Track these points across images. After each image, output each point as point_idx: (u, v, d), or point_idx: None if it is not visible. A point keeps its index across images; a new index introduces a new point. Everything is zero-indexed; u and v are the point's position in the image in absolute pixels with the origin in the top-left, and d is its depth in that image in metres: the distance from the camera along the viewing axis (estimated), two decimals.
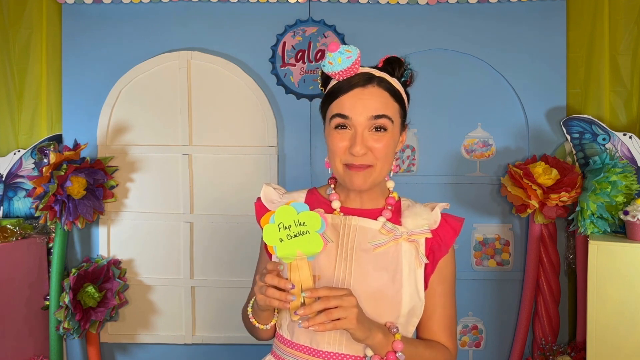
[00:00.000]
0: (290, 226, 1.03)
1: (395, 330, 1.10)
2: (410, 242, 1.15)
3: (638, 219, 1.81)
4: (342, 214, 1.19)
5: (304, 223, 1.03)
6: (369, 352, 1.09)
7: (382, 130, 1.11)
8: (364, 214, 1.19)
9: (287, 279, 1.03)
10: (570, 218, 2.03)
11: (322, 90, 1.20)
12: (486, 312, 2.21)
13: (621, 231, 1.95)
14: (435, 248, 1.17)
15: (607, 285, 1.78)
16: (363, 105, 1.10)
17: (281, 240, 1.03)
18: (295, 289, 1.01)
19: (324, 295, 1.00)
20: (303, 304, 1.01)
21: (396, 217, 1.19)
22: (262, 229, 1.08)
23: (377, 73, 1.14)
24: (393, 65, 1.17)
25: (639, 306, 1.77)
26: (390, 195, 1.22)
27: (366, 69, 1.15)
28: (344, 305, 0.99)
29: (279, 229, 1.04)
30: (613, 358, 1.79)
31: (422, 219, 1.17)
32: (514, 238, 2.19)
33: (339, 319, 0.99)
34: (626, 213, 1.85)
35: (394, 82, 1.15)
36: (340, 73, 1.12)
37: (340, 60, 1.11)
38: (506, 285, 2.20)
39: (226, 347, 2.23)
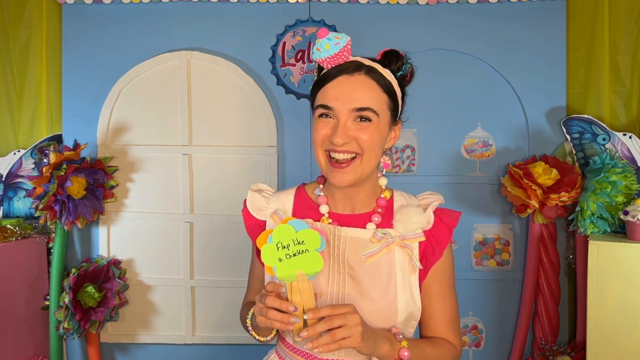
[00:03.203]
0: (289, 245, 1.00)
1: (401, 337, 1.07)
2: (403, 248, 1.12)
3: (638, 219, 1.81)
4: (330, 220, 1.15)
5: (302, 242, 1.00)
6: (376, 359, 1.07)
7: (366, 120, 1.07)
8: (354, 220, 1.15)
9: (287, 299, 1.00)
10: (570, 218, 2.03)
11: (315, 76, 1.17)
12: (486, 312, 2.21)
13: (621, 231, 1.95)
14: (428, 252, 1.14)
15: (607, 285, 1.78)
16: (346, 97, 1.06)
17: (280, 260, 1.00)
18: (298, 311, 0.98)
19: (327, 314, 0.97)
20: (305, 325, 0.98)
21: (387, 219, 1.15)
22: (255, 244, 1.05)
23: (366, 62, 1.11)
24: (390, 58, 1.14)
25: (639, 306, 1.77)
26: (381, 196, 1.18)
27: (357, 58, 1.12)
28: (348, 324, 0.97)
29: (278, 248, 1.01)
30: (613, 358, 1.79)
31: (414, 223, 1.12)
32: (514, 238, 2.19)
33: (343, 339, 0.96)
34: (626, 213, 1.85)
35: (386, 73, 1.11)
36: (328, 60, 1.09)
37: (327, 47, 1.08)
38: (506, 285, 2.20)
39: (226, 347, 2.23)
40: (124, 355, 2.26)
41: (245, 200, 1.23)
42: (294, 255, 1.00)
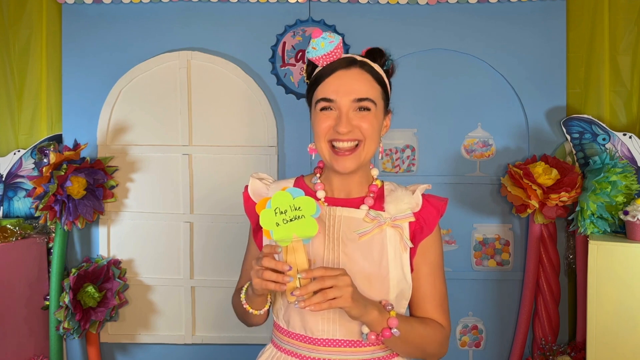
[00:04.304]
0: (286, 211, 1.06)
1: (390, 307, 1.12)
2: (394, 228, 1.17)
3: (638, 219, 1.81)
4: (326, 204, 1.21)
5: (299, 208, 1.06)
6: (365, 329, 1.11)
7: (365, 110, 1.14)
8: (348, 203, 1.21)
9: (283, 261, 1.05)
10: (570, 218, 2.03)
11: (306, 82, 1.23)
12: (486, 312, 2.21)
13: (621, 231, 1.95)
14: (417, 231, 1.19)
15: (607, 285, 1.79)
16: (347, 88, 1.13)
17: (277, 224, 1.06)
18: (292, 271, 1.04)
19: (320, 275, 1.02)
20: (299, 286, 1.03)
21: (379, 203, 1.21)
22: (250, 219, 1.12)
23: (359, 57, 1.18)
24: (374, 55, 1.20)
25: (639, 306, 1.77)
26: (373, 183, 1.24)
27: (349, 55, 1.19)
28: (339, 284, 1.01)
29: (275, 213, 1.06)
30: (613, 358, 1.79)
31: (404, 204, 1.19)
32: (514, 238, 2.19)
33: (334, 298, 1.01)
34: (626, 213, 1.85)
35: (376, 66, 1.18)
36: (324, 57, 1.15)
37: (323, 45, 1.14)
38: (506, 285, 2.20)
39: (226, 347, 2.23)
40: (124, 355, 2.26)
41: (247, 185, 1.29)
42: (291, 220, 1.06)
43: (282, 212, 1.06)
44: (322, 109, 1.15)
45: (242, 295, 1.19)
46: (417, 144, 2.19)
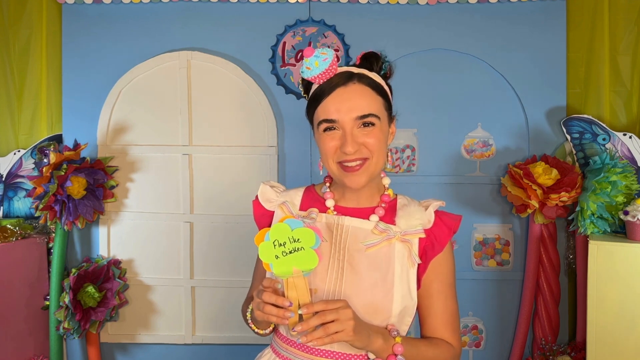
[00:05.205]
0: (285, 243, 1.04)
1: (395, 333, 1.10)
2: (403, 242, 1.15)
3: (638, 219, 1.81)
4: (335, 212, 1.19)
5: (298, 239, 1.04)
6: (372, 355, 1.10)
7: (370, 125, 1.12)
8: (358, 212, 1.19)
9: (283, 295, 1.04)
10: (570, 218, 2.03)
11: (305, 97, 1.21)
12: (486, 312, 2.21)
13: (621, 231, 1.95)
14: (428, 248, 1.17)
15: (607, 285, 1.79)
16: (348, 107, 1.11)
17: (277, 257, 1.04)
18: (293, 306, 1.02)
19: (321, 309, 1.01)
20: (301, 319, 1.02)
21: (390, 216, 1.19)
22: (259, 227, 1.09)
23: (355, 70, 1.15)
24: (370, 60, 1.18)
25: (639, 306, 1.77)
26: (385, 193, 1.22)
27: (344, 68, 1.16)
28: (340, 318, 1.00)
29: (274, 246, 1.05)
30: (613, 358, 1.79)
31: (416, 219, 1.16)
32: (514, 238, 2.19)
33: (336, 332, 1.00)
34: (626, 213, 1.85)
35: (374, 76, 1.16)
36: (320, 76, 1.13)
37: (317, 64, 1.11)
38: (506, 285, 2.20)
39: (226, 347, 2.23)
40: (124, 355, 2.26)
41: (257, 196, 1.28)
42: (290, 252, 1.04)
43: (280, 245, 1.04)
44: (326, 129, 1.13)
45: (248, 315, 1.19)
46: (417, 144, 2.19)
